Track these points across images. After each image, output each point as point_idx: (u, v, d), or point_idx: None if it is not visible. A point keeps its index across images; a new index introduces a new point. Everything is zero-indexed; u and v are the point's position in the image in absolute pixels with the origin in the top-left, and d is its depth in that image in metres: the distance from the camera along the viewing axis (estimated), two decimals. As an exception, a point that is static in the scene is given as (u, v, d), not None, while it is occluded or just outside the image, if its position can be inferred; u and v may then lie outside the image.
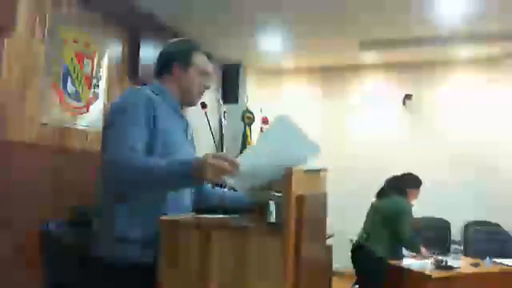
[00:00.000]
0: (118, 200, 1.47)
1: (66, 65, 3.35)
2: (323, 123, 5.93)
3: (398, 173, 4.12)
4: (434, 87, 5.60)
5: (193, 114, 1.82)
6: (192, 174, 1.32)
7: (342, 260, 4.77)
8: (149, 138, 1.49)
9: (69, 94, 3.37)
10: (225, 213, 1.50)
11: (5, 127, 2.84)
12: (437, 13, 4.11)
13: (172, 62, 1.69)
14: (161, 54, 1.75)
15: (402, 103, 5.67)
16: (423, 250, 3.62)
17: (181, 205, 1.58)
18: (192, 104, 1.75)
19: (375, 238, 3.55)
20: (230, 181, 1.36)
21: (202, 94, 1.75)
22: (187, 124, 1.73)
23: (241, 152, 5.47)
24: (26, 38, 3.00)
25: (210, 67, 1.74)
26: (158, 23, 4.29)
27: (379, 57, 5.61)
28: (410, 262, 3.60)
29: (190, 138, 1.75)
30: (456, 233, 5.13)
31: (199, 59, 1.70)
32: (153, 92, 1.60)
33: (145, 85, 1.70)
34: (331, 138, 5.73)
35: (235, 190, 1.71)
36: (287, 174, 1.24)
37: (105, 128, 1.56)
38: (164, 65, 1.71)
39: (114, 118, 1.52)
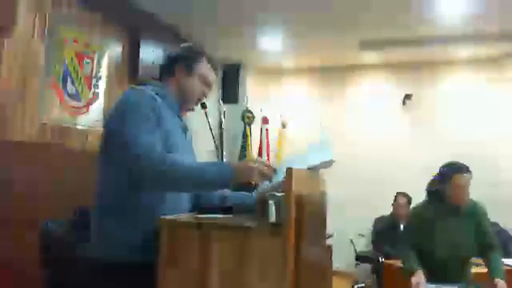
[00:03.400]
0: (117, 200, 1.47)
1: (66, 65, 3.35)
2: (323, 123, 5.93)
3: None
4: (434, 87, 5.61)
5: (193, 114, 1.82)
6: (233, 177, 1.39)
7: (342, 260, 4.79)
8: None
9: (69, 94, 3.37)
10: (225, 213, 1.50)
11: (5, 127, 2.84)
12: (437, 13, 4.11)
13: (175, 64, 1.70)
14: (167, 56, 1.77)
15: (402, 103, 5.67)
16: (415, 277, 2.42)
17: (180, 205, 1.58)
18: (188, 108, 1.76)
19: None
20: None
21: (200, 101, 1.77)
22: (185, 126, 1.73)
23: (241, 151, 5.50)
24: (26, 37, 3.00)
25: (212, 77, 1.76)
26: (157, 23, 4.29)
27: (379, 57, 5.61)
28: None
29: (188, 139, 1.75)
30: (456, 233, 5.13)
31: (203, 67, 1.72)
32: (153, 92, 1.59)
33: (144, 85, 1.69)
34: (331, 138, 5.73)
35: (238, 191, 1.72)
36: (287, 174, 1.24)
37: (113, 127, 1.51)
38: (167, 66, 1.73)
39: (120, 116, 1.50)
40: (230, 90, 5.75)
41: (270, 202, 1.26)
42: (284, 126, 5.99)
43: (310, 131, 5.89)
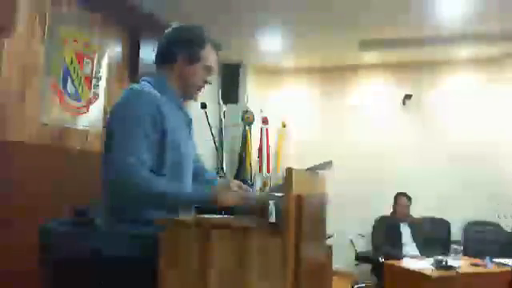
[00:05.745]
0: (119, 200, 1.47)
1: (65, 65, 3.35)
2: (323, 123, 5.93)
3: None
4: (433, 87, 5.60)
5: (193, 113, 1.81)
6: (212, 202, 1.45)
7: (341, 260, 4.78)
8: (157, 139, 1.47)
9: (69, 94, 3.37)
10: (225, 213, 1.50)
11: (5, 127, 2.84)
12: (437, 13, 4.11)
13: (177, 53, 1.60)
14: (166, 39, 1.64)
15: (401, 103, 5.67)
16: None
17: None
18: (190, 98, 1.70)
19: None
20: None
21: (202, 88, 1.69)
22: (190, 119, 1.70)
23: (241, 151, 5.50)
24: (26, 37, 3.00)
25: (215, 63, 1.67)
26: (157, 23, 4.29)
27: (379, 57, 5.61)
28: (410, 262, 3.60)
29: (191, 133, 1.72)
30: (456, 233, 5.13)
31: (207, 54, 1.62)
32: (154, 88, 1.55)
33: (143, 80, 1.63)
34: (331, 138, 5.73)
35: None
36: (287, 175, 1.24)
37: (108, 133, 1.51)
38: (168, 53, 1.62)
39: (117, 123, 1.48)
40: (230, 90, 5.74)
41: (270, 202, 1.26)
42: (284, 125, 5.99)
43: (309, 131, 5.89)
